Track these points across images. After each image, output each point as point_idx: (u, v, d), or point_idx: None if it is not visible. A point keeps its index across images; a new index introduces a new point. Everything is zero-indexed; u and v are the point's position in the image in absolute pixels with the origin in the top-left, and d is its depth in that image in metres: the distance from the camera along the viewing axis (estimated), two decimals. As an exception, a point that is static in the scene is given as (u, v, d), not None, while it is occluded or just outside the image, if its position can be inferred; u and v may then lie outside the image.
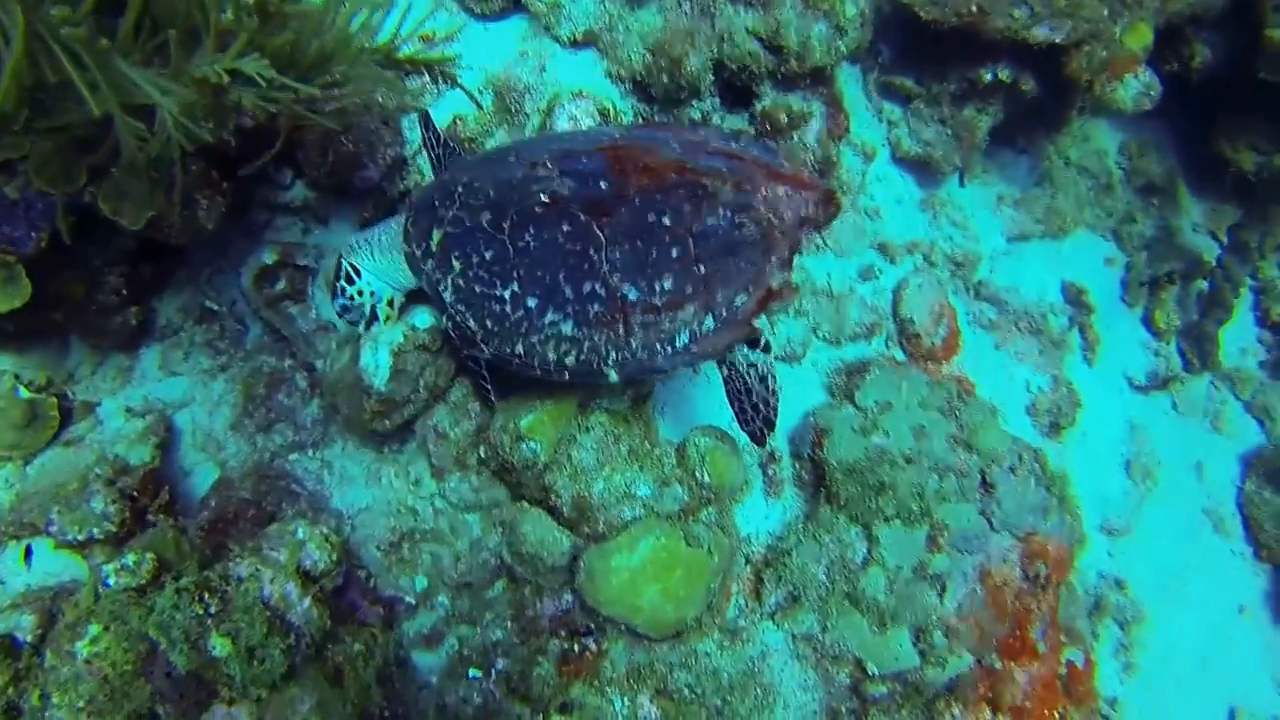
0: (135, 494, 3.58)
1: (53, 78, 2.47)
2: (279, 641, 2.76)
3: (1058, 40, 4.41)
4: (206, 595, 2.74)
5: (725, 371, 3.58)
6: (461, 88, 3.78)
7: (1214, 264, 5.14)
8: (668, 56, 4.19)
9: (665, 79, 4.25)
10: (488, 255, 3.27)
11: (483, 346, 3.39)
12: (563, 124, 4.12)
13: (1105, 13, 4.45)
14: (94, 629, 2.81)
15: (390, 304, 3.74)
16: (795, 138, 4.46)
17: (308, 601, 2.92)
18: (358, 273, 3.66)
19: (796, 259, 3.43)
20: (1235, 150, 5.23)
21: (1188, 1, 4.79)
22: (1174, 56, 5.12)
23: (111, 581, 2.96)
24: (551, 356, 3.31)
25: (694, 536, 3.45)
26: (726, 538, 3.69)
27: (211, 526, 3.44)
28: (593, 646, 3.58)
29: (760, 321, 3.40)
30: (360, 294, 3.67)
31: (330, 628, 3.01)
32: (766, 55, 4.28)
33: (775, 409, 3.59)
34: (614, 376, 3.34)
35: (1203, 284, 5.23)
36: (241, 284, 4.05)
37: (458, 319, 3.38)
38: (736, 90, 4.50)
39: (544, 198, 3.24)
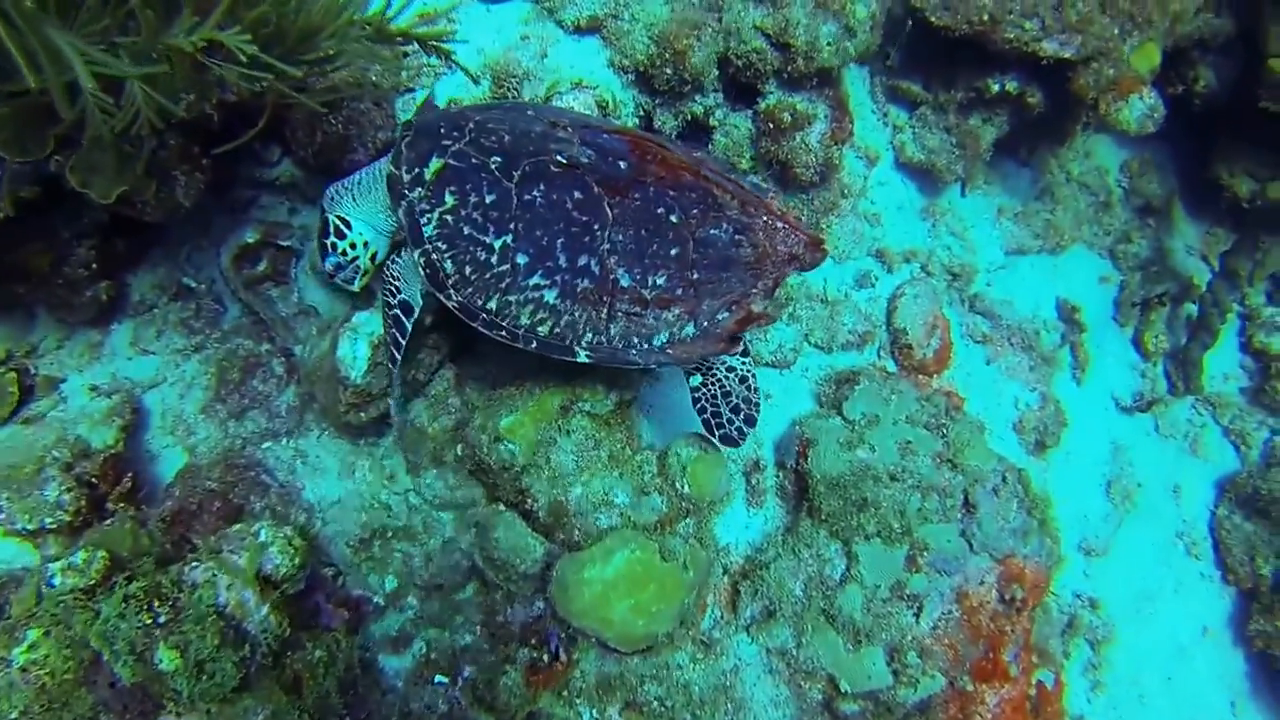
0: (94, 480, 3.46)
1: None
2: (231, 654, 2.62)
3: (1067, 55, 4.33)
4: (156, 603, 2.59)
5: (697, 379, 3.55)
6: (458, 65, 3.64)
7: (1204, 289, 5.10)
8: (672, 49, 4.06)
9: (669, 71, 4.12)
10: (488, 199, 3.15)
11: (451, 292, 3.22)
12: (560, 114, 3.99)
13: (1115, 31, 4.37)
14: (33, 634, 2.63)
15: (373, 258, 3.60)
16: (798, 139, 4.35)
17: (265, 609, 2.80)
18: (347, 225, 3.49)
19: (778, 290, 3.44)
20: (1232, 176, 5.20)
21: (1196, 25, 4.73)
22: (1178, 79, 5.08)
23: (57, 581, 2.81)
24: (524, 321, 3.21)
25: (669, 551, 3.39)
26: (704, 550, 3.63)
27: (174, 518, 3.33)
28: (563, 656, 3.52)
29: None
30: (353, 246, 3.51)
31: (290, 634, 2.90)
32: (773, 53, 4.17)
33: (757, 407, 3.58)
34: (584, 357, 3.27)
35: (1192, 308, 5.19)
36: (220, 263, 3.92)
37: (433, 256, 3.20)
38: (741, 87, 4.38)
39: (561, 159, 3.17)
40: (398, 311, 3.43)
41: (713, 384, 3.54)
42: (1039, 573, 3.92)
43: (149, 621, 2.55)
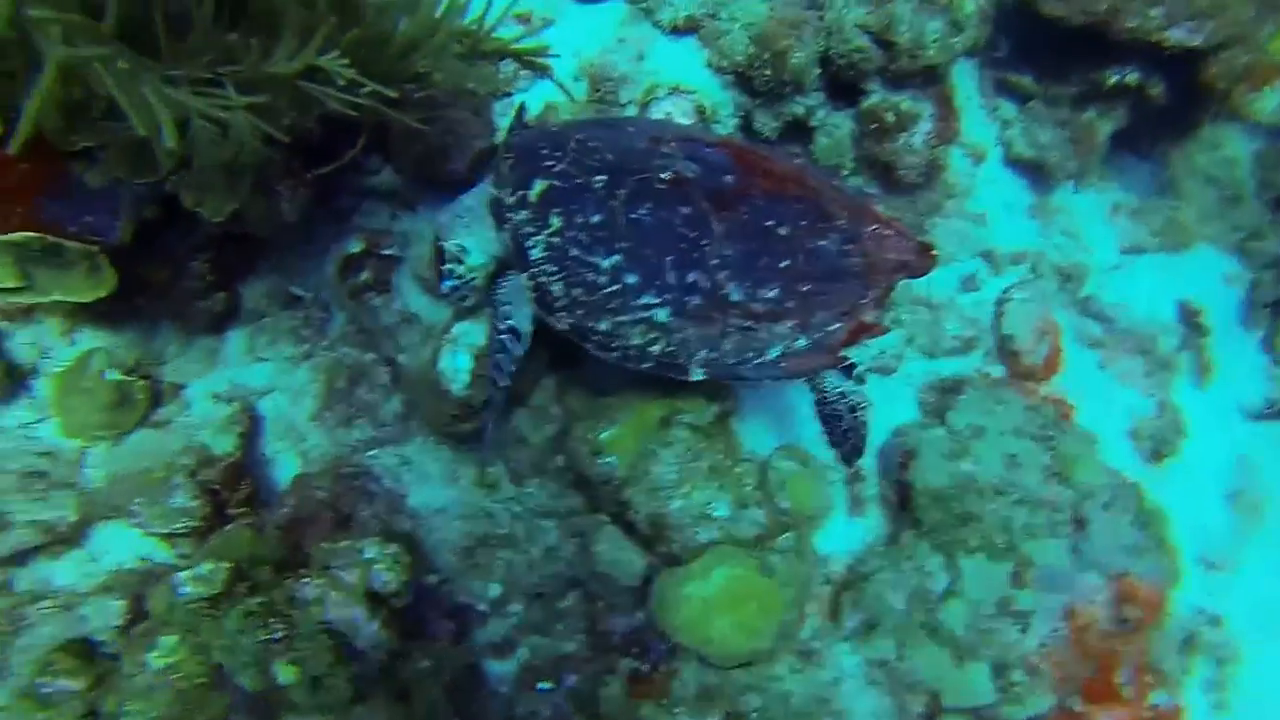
0: (217, 487, 3.65)
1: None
2: (344, 669, 2.76)
3: (1195, 44, 4.09)
4: (273, 620, 2.73)
5: (816, 395, 3.52)
6: (554, 81, 3.65)
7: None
8: (772, 49, 3.99)
9: (768, 72, 4.05)
10: (594, 219, 3.11)
11: (561, 315, 3.22)
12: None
13: (1250, 15, 4.10)
14: (167, 640, 2.85)
15: (487, 277, 3.57)
16: (901, 140, 4.24)
17: (375, 625, 2.91)
18: (464, 251, 3.47)
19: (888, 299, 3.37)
20: (1381, 166, 4.83)
21: (1342, 5, 4.39)
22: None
23: (186, 590, 2.97)
24: (637, 341, 3.20)
25: (769, 567, 3.37)
26: (804, 564, 3.60)
27: (289, 526, 3.46)
28: (664, 666, 3.54)
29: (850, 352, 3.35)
30: (469, 270, 3.48)
31: (398, 646, 3.01)
32: (876, 51, 4.07)
33: (864, 439, 3.56)
34: (698, 375, 3.24)
35: (1330, 310, 4.87)
36: (326, 273, 4.04)
37: (541, 280, 3.20)
38: (842, 86, 4.28)
39: (666, 175, 3.13)
40: (506, 337, 3.40)
41: (824, 405, 3.53)
42: (1154, 592, 3.78)
43: (267, 637, 2.67)
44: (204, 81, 2.72)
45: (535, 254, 3.18)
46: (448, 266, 3.47)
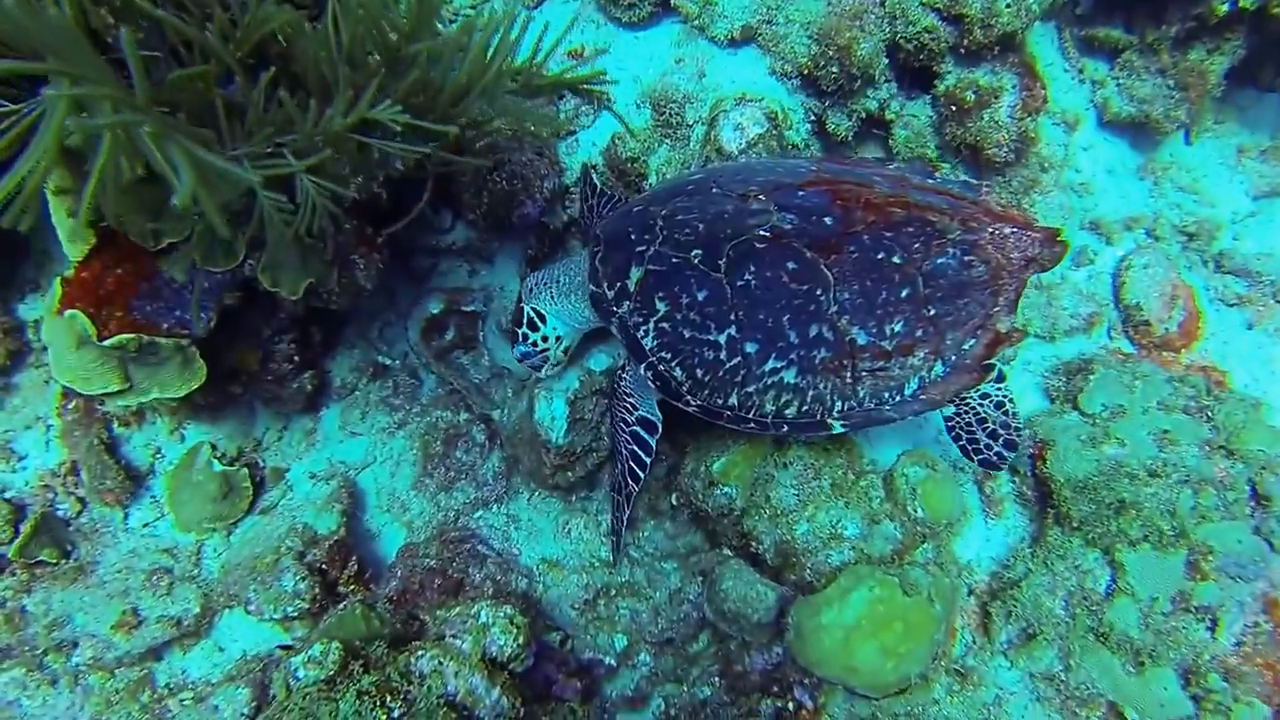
0: (324, 566, 3.65)
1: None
2: (471, 739, 2.60)
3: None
4: (389, 698, 2.59)
5: (949, 409, 3.29)
6: (611, 110, 3.54)
7: None
8: (835, 44, 3.82)
9: (834, 69, 3.88)
10: (700, 296, 3.01)
11: (689, 399, 3.11)
12: (728, 133, 3.82)
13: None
14: None
15: (565, 351, 3.53)
16: (985, 117, 3.99)
17: (496, 692, 2.74)
18: (542, 319, 3.42)
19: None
20: None
21: None
22: None
23: (301, 674, 2.88)
24: (770, 408, 3.06)
25: (911, 584, 3.10)
26: (947, 577, 3.31)
27: (399, 598, 3.39)
28: (809, 703, 3.29)
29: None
30: (544, 340, 3.42)
31: (523, 713, 2.83)
32: (945, 28, 3.85)
33: (1018, 431, 3.31)
34: (838, 428, 3.08)
35: None
36: (409, 338, 3.99)
37: (660, 368, 3.10)
38: (914, 72, 4.08)
39: (764, 232, 3.01)
40: (638, 429, 3.31)
41: (967, 413, 3.30)
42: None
43: (384, 717, 2.53)
44: (266, 156, 2.71)
45: (649, 343, 3.09)
46: (523, 330, 3.42)
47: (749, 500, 3.36)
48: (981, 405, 3.28)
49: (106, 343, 3.11)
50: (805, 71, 3.96)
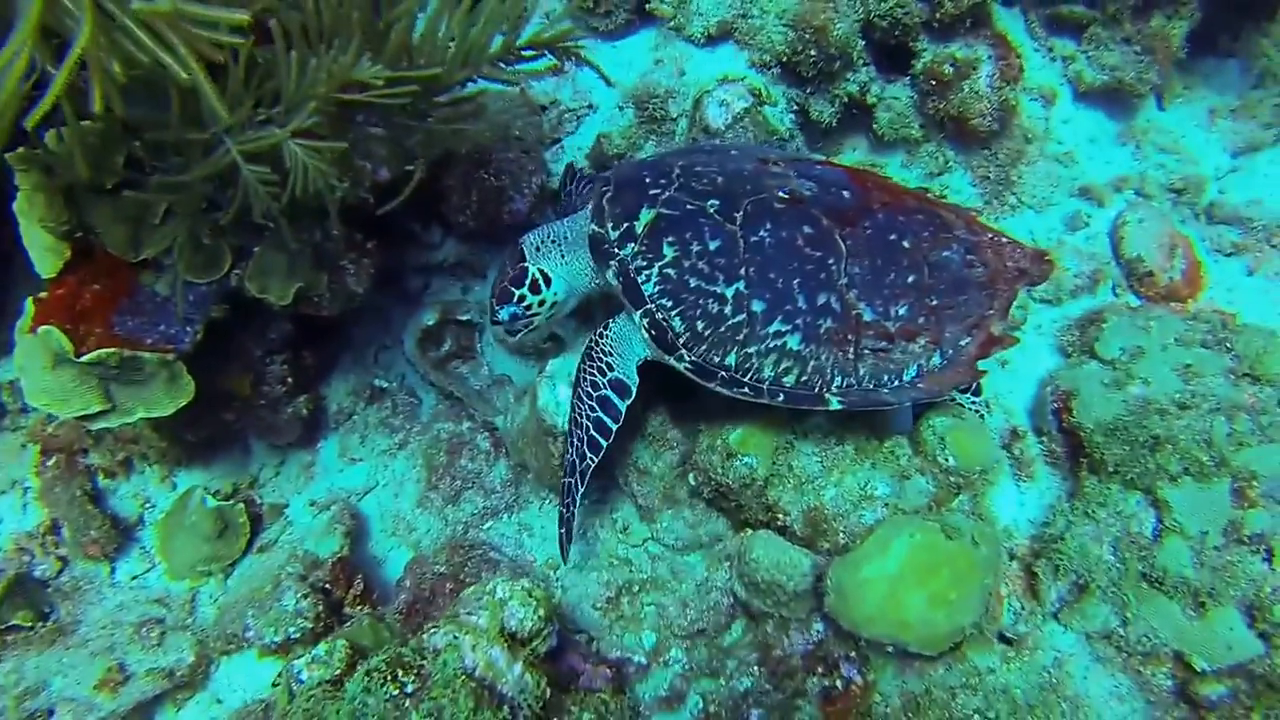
0: (328, 585, 3.45)
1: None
2: (491, 716, 2.37)
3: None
4: (401, 673, 2.37)
5: None
6: (590, 63, 3.40)
7: None
8: (811, 27, 3.86)
9: (813, 53, 3.91)
10: (712, 245, 2.93)
11: (683, 352, 2.98)
12: (714, 110, 3.82)
13: None
14: None
15: (550, 319, 3.36)
16: (966, 88, 4.04)
17: (519, 668, 2.52)
18: (548, 281, 3.22)
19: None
20: None
21: None
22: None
23: (305, 676, 2.66)
24: (769, 373, 2.97)
25: (953, 528, 2.91)
26: (989, 526, 3.15)
27: (409, 610, 3.21)
28: (857, 679, 3.07)
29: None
30: (541, 304, 3.23)
31: (551, 697, 2.60)
32: (917, 3, 3.91)
33: None
34: (836, 405, 2.99)
35: None
36: (406, 350, 3.87)
37: (658, 315, 2.97)
38: (891, 50, 4.12)
39: (783, 194, 2.99)
40: (609, 393, 3.09)
41: None
42: None
43: (396, 692, 2.32)
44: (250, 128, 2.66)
45: (650, 288, 2.98)
46: (523, 292, 3.21)
47: (771, 469, 3.20)
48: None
49: (84, 358, 2.96)
50: (784, 59, 3.99)
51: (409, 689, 2.36)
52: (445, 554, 3.42)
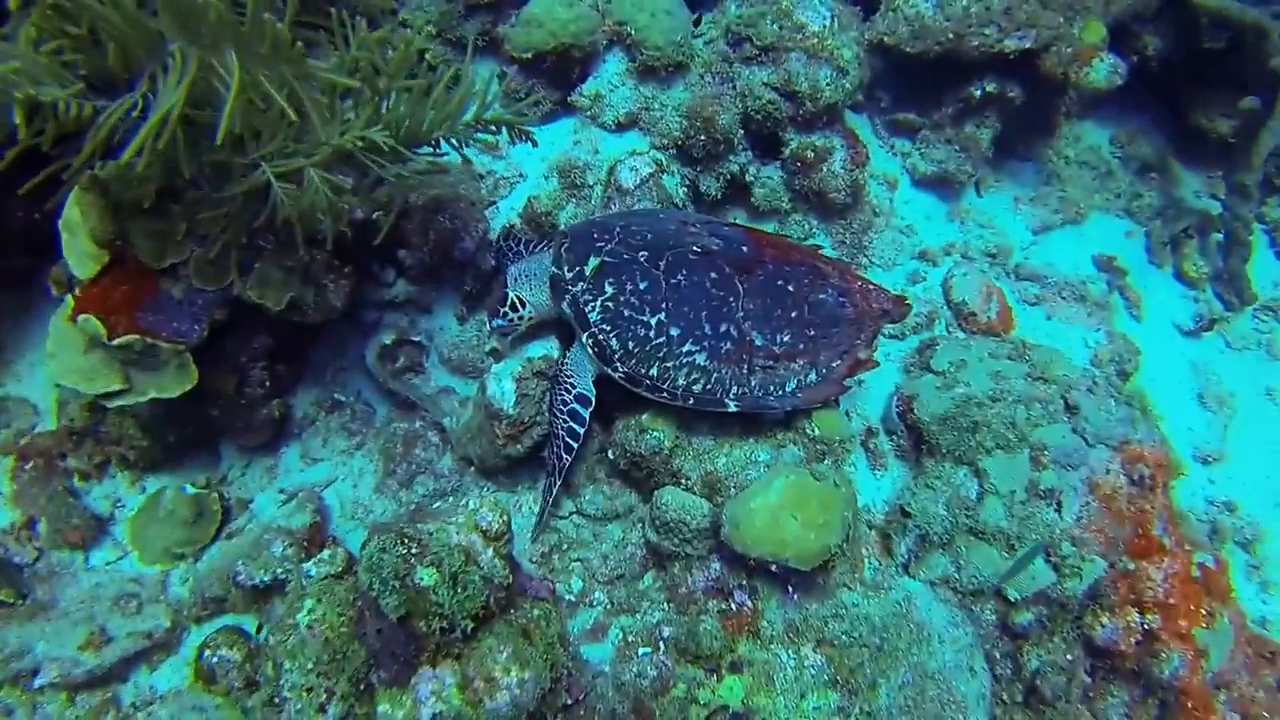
0: (306, 544, 3.98)
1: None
2: (476, 569, 3.05)
3: (1028, 46, 5.10)
4: (406, 540, 3.04)
5: None
6: (529, 136, 4.24)
7: (1223, 212, 5.57)
8: (701, 116, 4.86)
9: (702, 138, 4.89)
10: (641, 285, 3.86)
11: (618, 365, 3.87)
12: (625, 174, 4.72)
13: (1060, 20, 5.16)
14: (309, 602, 3.16)
15: (526, 328, 4.26)
16: (824, 169, 5.06)
17: (490, 552, 3.22)
18: (523, 303, 4.13)
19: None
20: (1210, 120, 5.81)
21: (1126, 3, 5.54)
22: (1130, 49, 5.76)
23: (313, 572, 3.34)
24: (681, 382, 3.86)
25: (820, 473, 3.74)
26: (846, 485, 3.97)
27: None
28: (749, 604, 3.78)
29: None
30: (520, 319, 4.13)
31: (511, 584, 3.28)
32: (784, 102, 4.95)
33: None
34: (733, 408, 3.91)
35: (1218, 236, 5.66)
36: (367, 362, 4.54)
37: (600, 337, 3.87)
38: (764, 139, 5.15)
39: (697, 248, 3.96)
40: (575, 405, 4.01)
41: None
42: (1158, 453, 4.15)
43: (405, 551, 2.97)
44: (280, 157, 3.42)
45: (594, 316, 3.91)
46: (505, 309, 4.14)
47: (675, 443, 3.99)
48: None
49: (115, 342, 3.59)
50: (679, 143, 4.97)
51: (414, 551, 3.03)
52: (404, 519, 4.04)
